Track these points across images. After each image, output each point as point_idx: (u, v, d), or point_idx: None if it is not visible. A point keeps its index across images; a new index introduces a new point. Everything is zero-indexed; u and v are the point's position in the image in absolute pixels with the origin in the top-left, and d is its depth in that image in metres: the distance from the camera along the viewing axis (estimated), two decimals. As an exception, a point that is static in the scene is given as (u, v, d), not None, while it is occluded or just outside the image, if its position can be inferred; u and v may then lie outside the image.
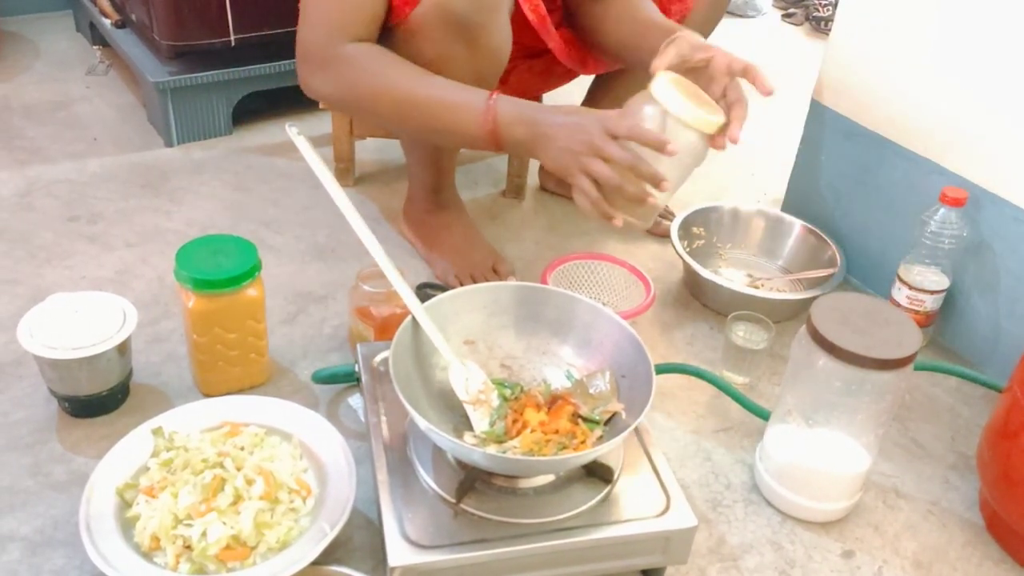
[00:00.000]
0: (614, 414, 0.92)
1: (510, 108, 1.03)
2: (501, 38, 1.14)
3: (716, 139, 1.05)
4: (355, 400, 1.13)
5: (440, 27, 1.08)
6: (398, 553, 0.80)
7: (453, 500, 0.85)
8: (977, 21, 1.20)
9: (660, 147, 0.97)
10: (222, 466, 0.89)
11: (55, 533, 0.92)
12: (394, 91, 1.07)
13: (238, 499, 0.87)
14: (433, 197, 1.40)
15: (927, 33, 1.28)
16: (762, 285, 1.40)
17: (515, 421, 0.92)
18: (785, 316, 1.34)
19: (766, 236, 1.50)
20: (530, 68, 1.40)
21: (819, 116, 1.50)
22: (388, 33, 1.12)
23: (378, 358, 1.04)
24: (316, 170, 0.98)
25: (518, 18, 1.24)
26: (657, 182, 0.98)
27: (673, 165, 1.00)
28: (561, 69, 1.39)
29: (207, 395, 1.10)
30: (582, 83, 1.59)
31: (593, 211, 1.01)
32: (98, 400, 1.05)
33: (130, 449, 0.94)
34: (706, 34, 1.44)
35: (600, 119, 0.98)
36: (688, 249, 1.41)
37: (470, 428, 0.92)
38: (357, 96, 1.09)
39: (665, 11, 1.37)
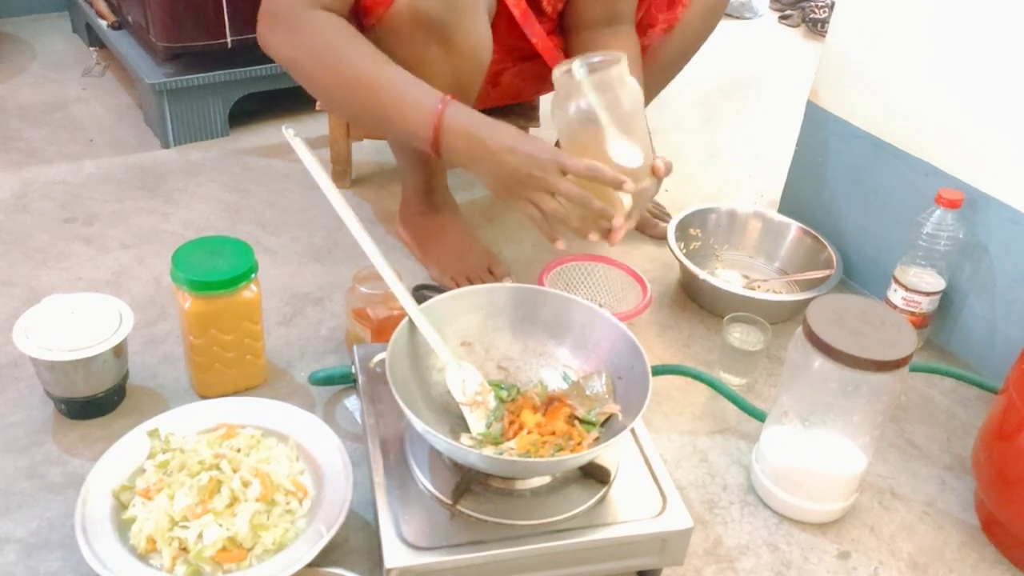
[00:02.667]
0: (610, 415, 0.92)
1: (459, 117, 1.01)
2: (479, 39, 1.13)
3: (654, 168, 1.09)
4: (352, 402, 1.13)
5: (413, 29, 1.07)
6: (394, 555, 0.80)
7: (449, 502, 0.85)
8: (973, 23, 1.21)
9: (618, 185, 1.00)
10: (218, 468, 0.89)
11: (51, 535, 0.92)
12: (351, 68, 1.04)
13: (234, 501, 0.87)
14: (426, 199, 1.40)
15: (923, 35, 1.28)
16: (759, 287, 1.41)
17: (512, 423, 0.92)
18: (782, 318, 1.34)
19: (763, 238, 1.51)
20: (521, 72, 1.39)
21: (815, 118, 1.50)
22: (364, 34, 1.12)
23: (375, 360, 1.03)
24: (312, 172, 0.98)
25: (508, 19, 1.24)
26: (607, 217, 1.02)
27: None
28: None
29: (203, 397, 1.10)
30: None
31: (540, 229, 1.05)
32: (94, 402, 1.05)
33: (126, 451, 0.94)
34: (703, 38, 1.44)
35: (554, 154, 0.99)
36: (685, 251, 1.41)
37: (467, 430, 0.92)
38: (313, 64, 1.06)
39: (652, 20, 1.37)
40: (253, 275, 1.06)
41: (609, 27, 1.29)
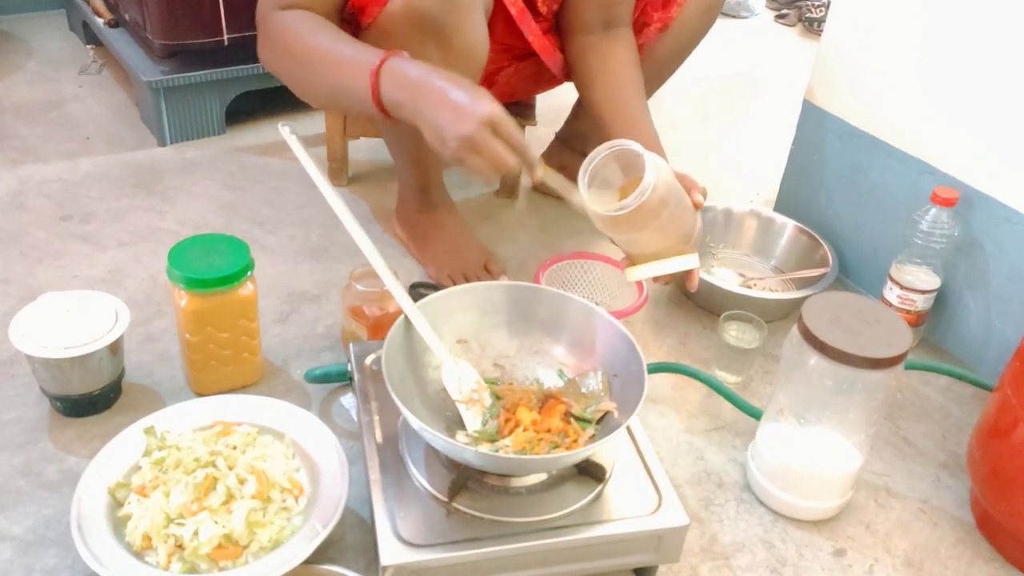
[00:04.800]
0: (606, 413, 0.92)
1: (396, 71, 0.97)
2: (475, 38, 1.13)
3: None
4: (348, 399, 1.13)
5: (409, 27, 1.07)
6: (390, 552, 0.80)
7: (445, 499, 0.85)
8: (968, 22, 1.21)
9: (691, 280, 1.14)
10: (214, 465, 0.89)
11: (47, 532, 0.92)
12: (307, 51, 1.05)
13: (230, 498, 0.87)
14: (422, 197, 1.40)
15: (919, 34, 1.28)
16: (755, 285, 1.41)
17: (507, 420, 0.92)
18: (777, 316, 1.35)
19: (758, 236, 1.51)
20: (518, 71, 1.40)
21: (811, 116, 1.50)
22: (360, 34, 1.12)
23: (371, 357, 1.04)
24: (309, 170, 0.98)
25: (504, 18, 1.24)
26: (532, 167, 0.98)
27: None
28: (550, 73, 1.39)
29: (199, 394, 1.10)
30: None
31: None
32: (90, 399, 1.05)
33: (122, 448, 0.94)
34: (699, 37, 1.45)
35: (485, 109, 0.93)
36: (681, 249, 1.41)
37: (463, 427, 0.92)
38: (282, 59, 1.08)
39: (647, 19, 1.38)
40: (249, 273, 1.06)
41: (605, 31, 1.30)
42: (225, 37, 1.67)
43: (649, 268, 1.10)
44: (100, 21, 1.90)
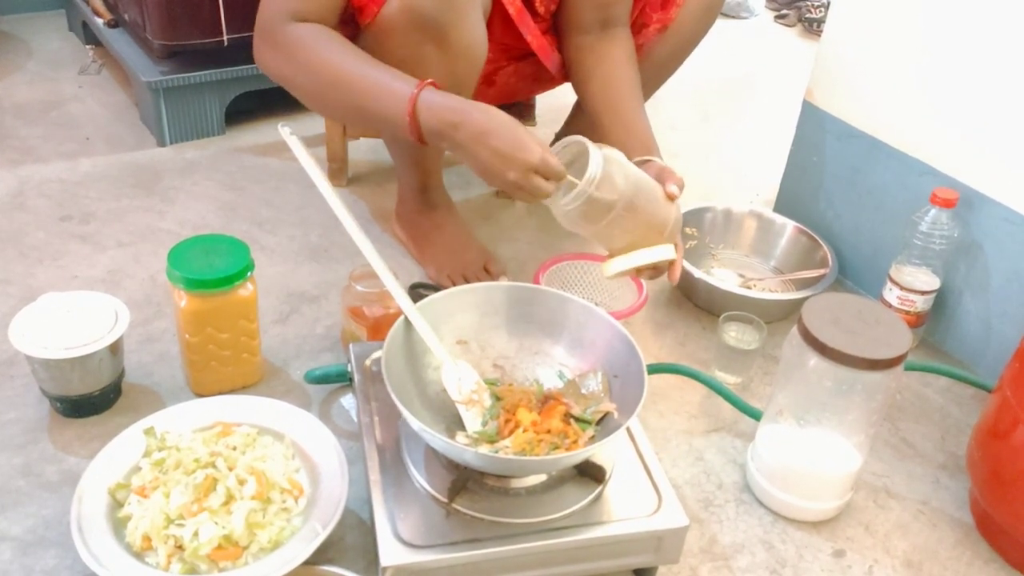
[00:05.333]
0: (606, 414, 0.92)
1: (431, 103, 0.99)
2: (473, 38, 1.13)
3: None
4: (348, 400, 1.13)
5: (408, 27, 1.07)
6: (390, 553, 0.80)
7: (445, 500, 0.85)
8: (968, 23, 1.21)
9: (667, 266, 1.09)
10: (214, 466, 0.89)
11: (46, 533, 0.92)
12: (331, 70, 1.05)
13: (230, 499, 0.87)
14: (422, 197, 1.40)
15: (919, 34, 1.28)
16: (754, 285, 1.41)
17: (507, 421, 0.92)
18: (777, 316, 1.35)
19: (758, 237, 1.51)
20: (517, 71, 1.40)
21: (811, 117, 1.50)
22: (359, 34, 1.12)
23: (371, 358, 1.04)
24: (308, 170, 0.98)
25: (502, 18, 1.24)
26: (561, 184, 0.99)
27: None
28: (549, 74, 1.39)
29: (199, 395, 1.10)
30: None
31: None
32: (90, 400, 1.05)
33: (122, 449, 0.94)
34: (699, 38, 1.44)
35: (525, 152, 0.95)
36: (681, 249, 1.41)
37: (463, 428, 0.92)
38: (298, 74, 1.08)
39: (647, 20, 1.37)
40: (249, 273, 1.06)
41: (603, 31, 1.30)
42: (225, 37, 1.67)
43: (622, 261, 1.07)
44: (100, 21, 1.90)
